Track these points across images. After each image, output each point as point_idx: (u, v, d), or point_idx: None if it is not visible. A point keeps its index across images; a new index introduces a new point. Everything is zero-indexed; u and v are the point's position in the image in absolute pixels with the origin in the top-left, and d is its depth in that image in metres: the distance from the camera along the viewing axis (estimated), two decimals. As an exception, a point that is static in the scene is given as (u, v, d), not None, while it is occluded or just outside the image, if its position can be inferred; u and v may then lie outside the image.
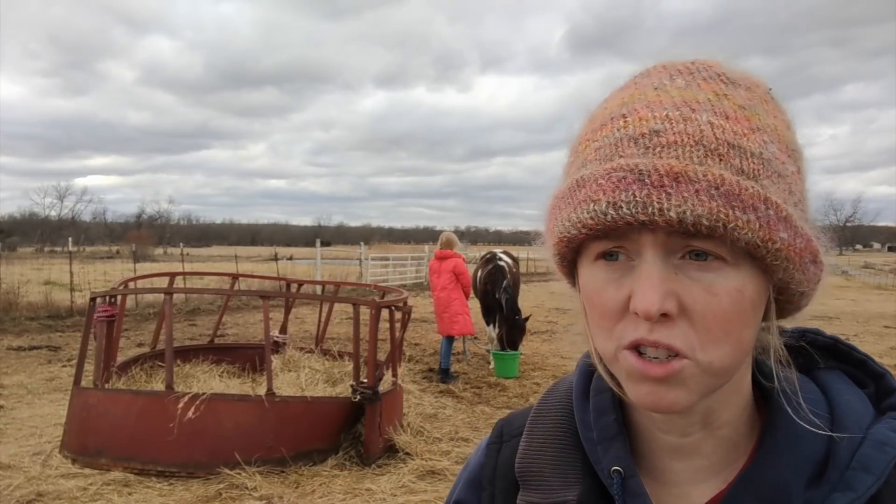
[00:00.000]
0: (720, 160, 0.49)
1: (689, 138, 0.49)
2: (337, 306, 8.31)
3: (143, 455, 4.67)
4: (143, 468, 4.64)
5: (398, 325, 5.83)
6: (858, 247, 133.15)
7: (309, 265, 24.45)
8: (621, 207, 0.48)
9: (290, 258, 33.28)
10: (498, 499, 0.66)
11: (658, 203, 0.47)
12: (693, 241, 0.49)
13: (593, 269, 0.54)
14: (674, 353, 0.50)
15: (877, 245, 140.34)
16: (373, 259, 24.20)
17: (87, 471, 4.68)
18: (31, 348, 10.23)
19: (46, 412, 6.36)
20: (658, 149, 0.50)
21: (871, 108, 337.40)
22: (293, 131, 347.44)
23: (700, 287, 0.50)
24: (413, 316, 6.69)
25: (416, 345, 10.49)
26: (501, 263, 8.95)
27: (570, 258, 0.57)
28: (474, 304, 9.86)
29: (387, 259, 26.23)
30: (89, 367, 5.55)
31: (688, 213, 0.47)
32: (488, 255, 9.66)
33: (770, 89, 0.56)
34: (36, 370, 8.58)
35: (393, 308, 5.69)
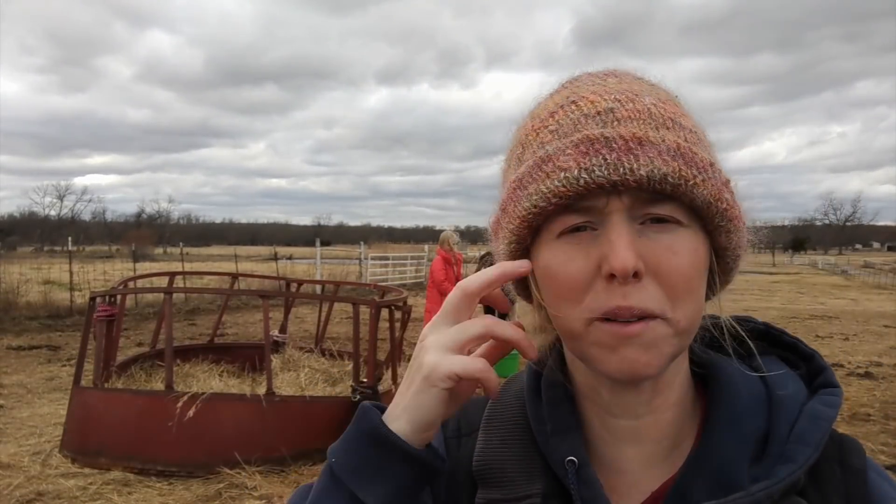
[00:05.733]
0: (668, 131, 0.54)
1: (639, 114, 0.54)
2: (337, 306, 8.30)
3: (142, 454, 4.67)
4: (142, 468, 4.64)
5: (398, 324, 5.84)
6: (858, 246, 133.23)
7: (309, 265, 24.45)
8: (593, 171, 0.51)
9: (290, 258, 33.25)
10: (456, 494, 0.65)
11: (628, 164, 0.51)
12: (652, 207, 0.53)
13: (557, 244, 0.55)
14: (646, 317, 0.52)
15: (876, 244, 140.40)
16: (372, 258, 24.20)
17: (86, 470, 4.68)
18: (31, 348, 10.23)
19: (46, 412, 6.36)
20: (616, 122, 0.53)
21: (882, 106, 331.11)
22: (294, 129, 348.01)
23: (662, 247, 0.53)
24: (413, 315, 6.69)
25: (416, 344, 10.48)
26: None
27: (527, 243, 0.58)
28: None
29: (386, 259, 26.20)
30: (89, 367, 5.55)
31: (655, 171, 0.51)
32: (485, 253, 9.71)
33: (677, 96, 0.61)
34: (35, 370, 8.58)
35: (392, 307, 5.69)
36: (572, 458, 0.59)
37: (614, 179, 0.51)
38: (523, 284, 0.63)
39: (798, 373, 0.63)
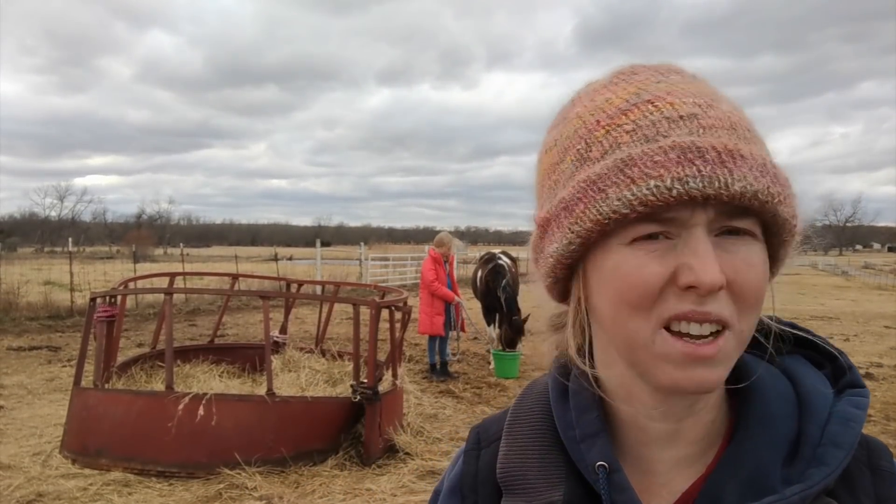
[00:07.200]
0: (753, 144, 0.53)
1: (722, 123, 0.52)
2: (337, 306, 8.30)
3: (143, 455, 4.67)
4: (143, 468, 4.64)
5: (398, 325, 5.84)
6: (858, 247, 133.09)
7: (309, 265, 24.45)
8: (687, 182, 0.49)
9: (290, 258, 33.25)
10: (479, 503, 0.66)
11: (723, 177, 0.49)
12: (734, 221, 0.52)
13: (629, 250, 0.53)
14: (719, 327, 0.52)
15: (877, 245, 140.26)
16: (373, 259, 24.20)
17: (87, 471, 4.68)
18: (32, 348, 10.23)
19: (46, 412, 6.36)
20: (702, 130, 0.52)
21: (885, 106, 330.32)
22: (295, 130, 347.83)
23: (739, 260, 0.52)
24: (413, 316, 6.69)
25: (416, 345, 10.48)
26: (501, 262, 8.95)
27: (588, 245, 0.56)
28: (475, 305, 9.85)
29: (387, 259, 26.22)
30: (89, 368, 5.55)
31: (748, 187, 0.50)
32: (487, 256, 9.68)
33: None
34: (36, 370, 8.58)
35: (393, 308, 5.69)
36: (603, 463, 0.58)
37: (709, 193, 0.49)
38: (563, 285, 0.61)
39: (824, 372, 0.63)
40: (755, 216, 0.52)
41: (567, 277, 0.60)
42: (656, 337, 0.52)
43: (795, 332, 0.66)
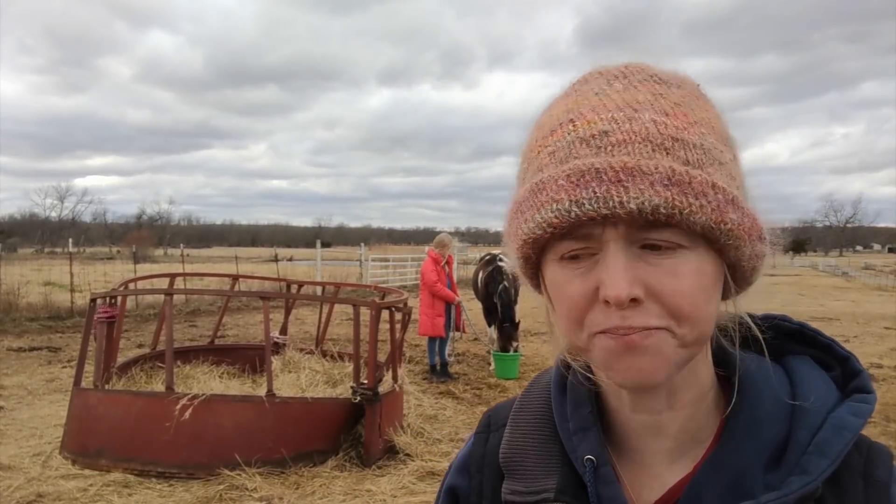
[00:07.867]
0: (667, 153, 0.52)
1: (636, 136, 0.53)
2: (337, 307, 8.30)
3: (143, 456, 4.67)
4: (143, 469, 4.64)
5: (398, 326, 5.84)
6: (858, 248, 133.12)
7: (309, 266, 24.44)
8: (583, 204, 0.51)
9: (291, 259, 33.21)
10: (485, 486, 0.69)
11: (618, 197, 0.50)
12: (651, 234, 0.52)
13: (559, 266, 0.56)
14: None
15: (877, 246, 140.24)
16: (373, 260, 24.19)
17: (87, 472, 4.68)
18: (32, 349, 10.23)
19: (46, 413, 6.36)
20: (609, 147, 0.53)
21: (887, 107, 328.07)
22: (295, 130, 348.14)
23: (663, 271, 0.53)
24: (413, 317, 6.69)
25: (416, 346, 10.48)
26: (501, 265, 8.96)
27: (535, 259, 0.60)
28: (475, 306, 9.85)
29: (387, 260, 26.21)
30: (89, 368, 5.55)
31: (646, 203, 0.50)
32: (488, 257, 9.67)
33: (698, 85, 0.60)
34: (36, 371, 8.58)
35: (393, 309, 5.68)
36: (591, 457, 0.61)
37: (604, 213, 0.51)
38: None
39: (832, 375, 0.62)
40: (674, 227, 0.52)
41: (539, 284, 0.64)
42: (592, 341, 0.55)
43: (805, 331, 0.65)
